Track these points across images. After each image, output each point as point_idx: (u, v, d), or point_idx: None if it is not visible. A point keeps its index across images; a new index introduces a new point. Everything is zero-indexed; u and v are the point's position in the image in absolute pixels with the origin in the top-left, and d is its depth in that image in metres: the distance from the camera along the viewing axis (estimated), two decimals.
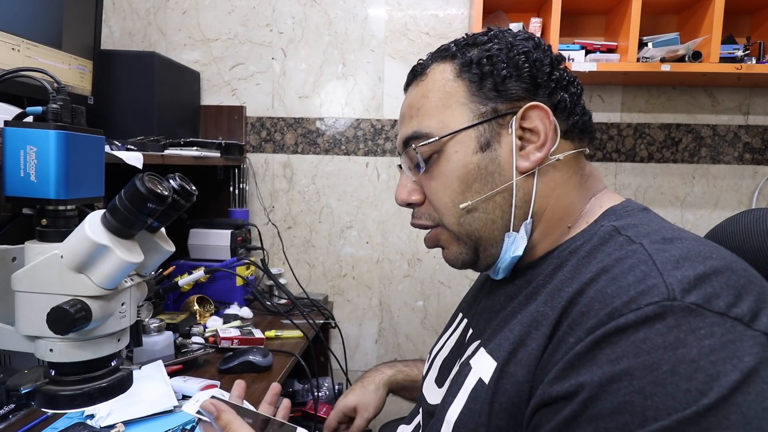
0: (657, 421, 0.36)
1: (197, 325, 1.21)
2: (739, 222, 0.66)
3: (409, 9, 1.64)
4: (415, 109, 0.59)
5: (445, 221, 0.58)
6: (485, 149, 0.55)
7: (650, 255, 0.43)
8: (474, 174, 0.55)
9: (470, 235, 0.57)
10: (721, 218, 0.79)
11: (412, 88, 0.61)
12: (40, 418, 0.80)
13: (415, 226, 0.63)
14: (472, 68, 0.55)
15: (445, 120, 0.56)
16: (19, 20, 0.97)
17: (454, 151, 0.55)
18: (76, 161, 0.47)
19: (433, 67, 0.59)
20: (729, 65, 1.36)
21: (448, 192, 0.56)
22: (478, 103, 0.55)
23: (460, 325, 0.69)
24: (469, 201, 0.55)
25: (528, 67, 0.54)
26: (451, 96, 0.56)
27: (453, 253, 0.60)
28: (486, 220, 0.56)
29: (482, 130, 0.55)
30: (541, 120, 0.54)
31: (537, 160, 0.54)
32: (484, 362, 0.52)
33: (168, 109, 1.42)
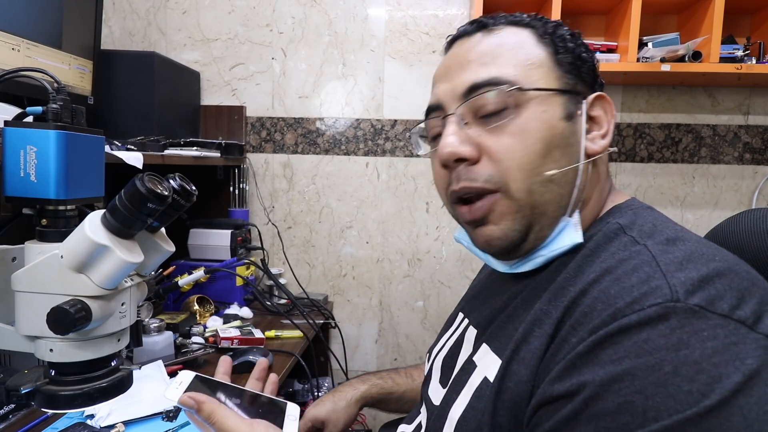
0: (657, 422, 0.36)
1: (197, 325, 1.21)
2: (739, 222, 0.66)
3: (409, 9, 1.64)
4: (491, 56, 0.52)
5: (513, 185, 0.50)
6: (569, 120, 0.52)
7: (654, 256, 0.43)
8: (557, 141, 0.51)
9: (536, 207, 0.51)
10: (721, 218, 0.79)
11: (479, 38, 0.54)
12: (40, 418, 0.80)
13: (464, 191, 0.53)
14: (555, 39, 0.53)
15: (531, 75, 0.51)
16: (19, 20, 0.97)
17: (542, 110, 0.51)
18: (76, 161, 0.47)
19: (506, 28, 0.54)
20: (729, 65, 1.35)
21: (528, 152, 0.50)
22: (564, 73, 0.53)
23: (461, 325, 0.68)
24: (555, 169, 0.50)
25: (592, 59, 0.55)
26: (537, 57, 0.52)
27: (502, 230, 0.52)
28: (557, 194, 0.51)
29: (567, 99, 0.52)
30: (605, 111, 0.54)
31: (603, 146, 0.53)
32: (489, 360, 0.52)
33: (168, 109, 1.42)
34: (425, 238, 1.70)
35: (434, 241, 1.70)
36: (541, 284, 0.52)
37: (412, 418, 0.70)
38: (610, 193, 0.58)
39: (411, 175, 1.68)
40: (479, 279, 0.76)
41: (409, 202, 1.69)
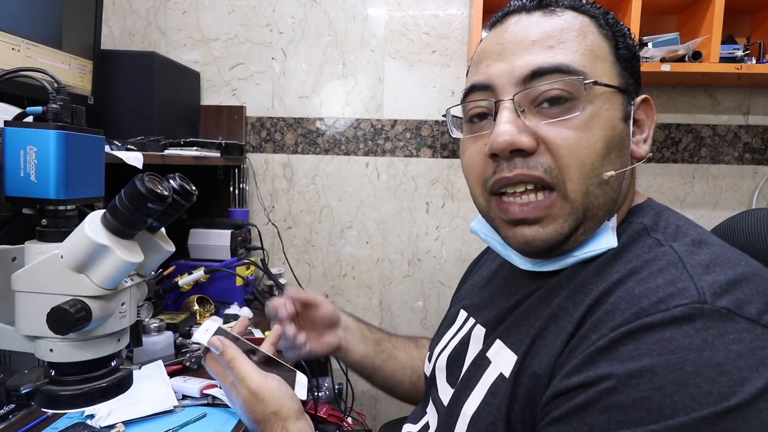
0: (673, 419, 0.35)
1: (197, 325, 1.21)
2: (739, 222, 0.66)
3: (409, 9, 1.64)
4: (557, 39, 0.48)
5: (571, 186, 0.47)
6: (626, 120, 0.49)
7: (680, 258, 0.42)
8: (616, 141, 0.48)
9: (588, 210, 0.48)
10: (721, 218, 0.79)
11: (539, 17, 0.50)
12: (40, 418, 0.79)
13: (519, 178, 0.48)
14: (616, 33, 0.50)
15: (597, 68, 0.48)
16: (19, 20, 0.97)
17: (606, 108, 0.47)
18: (76, 161, 0.47)
19: (566, 11, 0.50)
20: (729, 65, 1.35)
21: (590, 150, 0.47)
22: (621, 70, 0.50)
23: (466, 324, 0.67)
24: (612, 171, 0.47)
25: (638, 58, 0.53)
26: (599, 48, 0.49)
27: (549, 232, 0.48)
28: (610, 197, 0.49)
29: (625, 99, 0.49)
30: (648, 115, 0.53)
31: (647, 151, 0.52)
32: (504, 356, 0.51)
33: (168, 109, 1.42)
34: (425, 238, 1.70)
35: (434, 241, 1.70)
36: (560, 282, 0.51)
37: (417, 418, 0.69)
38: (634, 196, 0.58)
39: (411, 175, 1.68)
40: (481, 275, 0.74)
41: (409, 202, 1.69)
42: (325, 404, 1.44)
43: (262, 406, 0.57)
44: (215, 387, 0.91)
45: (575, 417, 0.39)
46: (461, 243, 1.69)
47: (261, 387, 0.57)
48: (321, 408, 1.41)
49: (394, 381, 0.81)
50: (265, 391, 0.58)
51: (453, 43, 1.63)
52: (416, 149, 1.67)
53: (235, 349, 0.61)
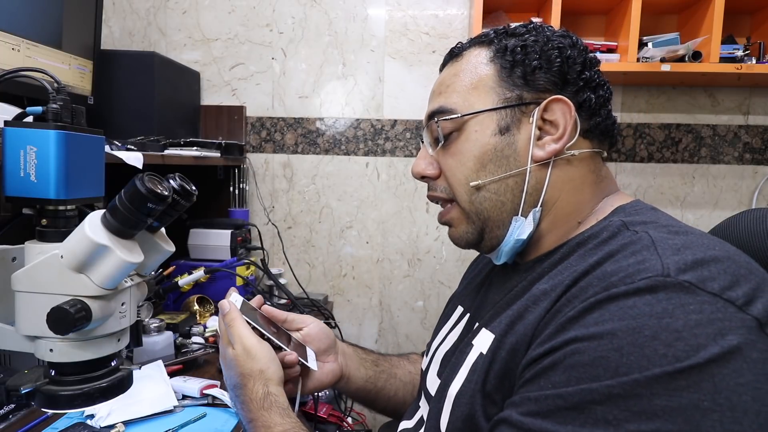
0: (627, 376, 0.38)
1: (197, 325, 1.21)
2: (739, 222, 0.66)
3: (409, 9, 1.64)
4: (445, 86, 0.61)
5: (458, 197, 0.59)
6: (504, 133, 0.57)
7: (653, 242, 0.45)
8: (490, 155, 0.57)
9: (479, 213, 0.58)
10: (721, 218, 0.79)
11: (447, 68, 0.63)
12: (40, 418, 0.79)
13: (430, 198, 0.65)
14: (505, 55, 0.57)
15: (470, 100, 0.58)
16: (19, 20, 0.97)
17: (474, 131, 0.57)
18: (76, 161, 0.47)
19: (470, 50, 0.61)
20: (729, 65, 1.36)
21: (462, 169, 0.58)
22: (505, 89, 0.57)
23: (462, 320, 0.69)
24: (480, 180, 0.57)
25: (559, 62, 0.56)
26: (480, 78, 0.58)
27: (459, 232, 0.61)
28: (496, 201, 0.57)
29: (504, 114, 0.57)
30: (563, 114, 0.55)
31: (552, 151, 0.55)
32: (483, 337, 0.54)
33: (168, 109, 1.42)
34: (425, 238, 1.70)
35: (434, 241, 1.70)
36: (542, 275, 0.54)
37: (411, 414, 0.70)
38: (612, 195, 0.59)
39: (411, 175, 1.68)
40: (478, 273, 0.76)
41: (409, 202, 1.69)
42: (325, 404, 1.44)
43: (251, 362, 0.63)
44: (215, 387, 0.91)
45: (542, 377, 0.43)
46: None
47: (254, 346, 0.64)
48: (321, 408, 1.41)
49: (397, 400, 0.81)
50: (257, 350, 0.64)
51: (453, 43, 1.62)
52: (416, 149, 1.67)
53: (237, 313, 0.67)
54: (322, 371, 0.75)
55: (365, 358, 0.82)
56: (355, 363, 0.80)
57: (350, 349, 0.81)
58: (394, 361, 0.86)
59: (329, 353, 0.77)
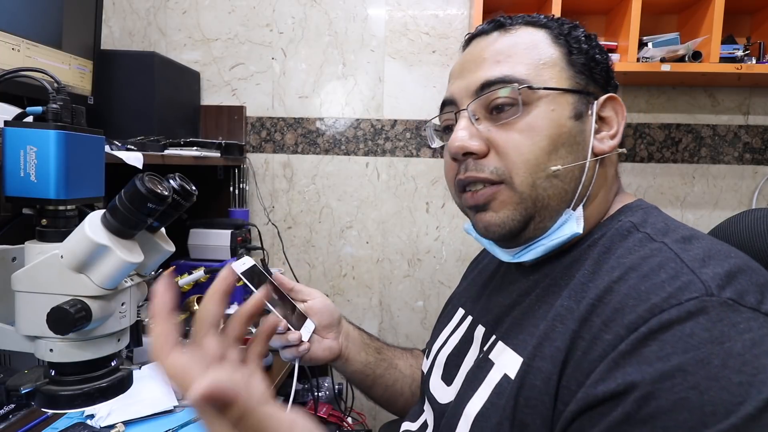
0: (716, 417, 0.36)
1: None
2: (739, 222, 0.66)
3: (409, 9, 1.64)
4: (505, 55, 0.55)
5: (518, 180, 0.52)
6: (578, 119, 0.54)
7: (676, 254, 0.44)
8: (564, 138, 0.53)
9: (538, 200, 0.53)
10: (721, 218, 0.79)
11: (495, 37, 0.57)
12: (40, 418, 0.80)
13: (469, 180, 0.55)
14: (570, 41, 0.55)
15: (542, 75, 0.53)
16: (19, 20, 0.97)
17: (551, 109, 0.53)
18: (76, 161, 0.47)
19: (523, 28, 0.57)
20: (729, 65, 1.35)
21: (534, 148, 0.52)
22: (575, 74, 0.55)
23: (464, 322, 0.68)
24: (560, 165, 0.52)
25: (606, 60, 0.56)
26: (549, 57, 0.54)
27: (501, 217, 0.54)
28: (561, 189, 0.53)
29: (578, 99, 0.54)
30: (616, 112, 0.56)
31: (611, 146, 0.55)
32: (508, 358, 0.52)
33: (168, 109, 1.42)
34: (425, 238, 1.70)
35: (434, 241, 1.70)
36: (556, 280, 0.53)
37: (415, 416, 0.70)
38: (619, 194, 0.59)
39: (411, 175, 1.68)
40: (479, 274, 0.75)
41: (409, 202, 1.69)
42: (325, 404, 1.44)
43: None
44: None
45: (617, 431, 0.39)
46: (461, 243, 1.69)
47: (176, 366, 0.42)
48: (321, 408, 1.41)
49: (395, 390, 0.80)
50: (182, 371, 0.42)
51: (453, 43, 1.63)
52: (416, 149, 1.67)
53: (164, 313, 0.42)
54: (320, 346, 0.72)
55: (369, 343, 0.81)
56: (357, 346, 0.78)
57: (355, 332, 0.79)
58: (397, 352, 0.85)
59: (330, 330, 0.74)
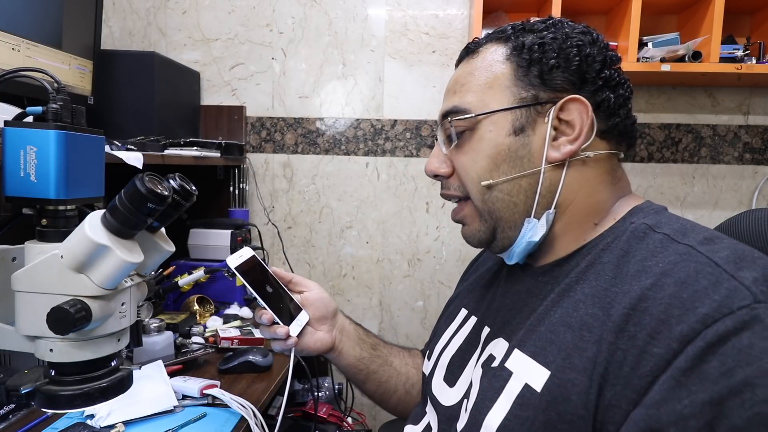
0: None
1: (197, 325, 1.21)
2: (740, 222, 0.66)
3: (409, 9, 1.64)
4: (460, 84, 0.60)
5: (471, 195, 0.59)
6: (518, 133, 0.56)
7: (708, 257, 0.43)
8: (503, 155, 0.56)
9: (492, 213, 0.58)
10: (721, 218, 0.79)
11: (462, 65, 0.62)
12: (40, 418, 0.79)
13: (443, 197, 0.64)
14: (522, 53, 0.56)
15: (485, 99, 0.57)
16: (19, 20, 0.97)
17: (488, 131, 0.56)
18: (76, 161, 0.47)
19: (486, 47, 0.60)
20: (729, 65, 1.35)
21: (475, 168, 0.57)
22: (521, 88, 0.56)
23: (468, 322, 0.68)
24: (491, 180, 0.56)
25: (578, 60, 0.54)
26: (496, 77, 0.57)
27: (472, 230, 0.61)
28: (508, 201, 0.57)
29: (519, 114, 0.55)
30: (579, 114, 0.54)
31: (567, 152, 0.54)
32: (528, 367, 0.50)
33: (168, 109, 1.42)
34: (425, 238, 1.70)
35: (434, 241, 1.70)
36: (571, 285, 0.52)
37: (418, 419, 0.69)
38: (625, 196, 0.58)
39: (411, 175, 1.68)
40: (480, 274, 0.75)
41: (409, 202, 1.69)
42: (325, 404, 1.44)
43: None
44: (215, 387, 0.91)
45: None
46: (461, 243, 1.69)
47: None
48: (321, 408, 1.41)
49: (388, 387, 0.79)
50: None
51: (453, 43, 1.63)
52: (416, 149, 1.67)
53: None
54: (312, 337, 0.72)
55: (364, 339, 0.80)
56: (352, 341, 0.78)
57: (351, 327, 0.80)
58: (394, 350, 0.84)
59: (324, 322, 0.74)
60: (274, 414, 1.22)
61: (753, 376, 0.37)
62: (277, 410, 0.74)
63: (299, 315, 0.71)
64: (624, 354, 0.43)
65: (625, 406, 0.42)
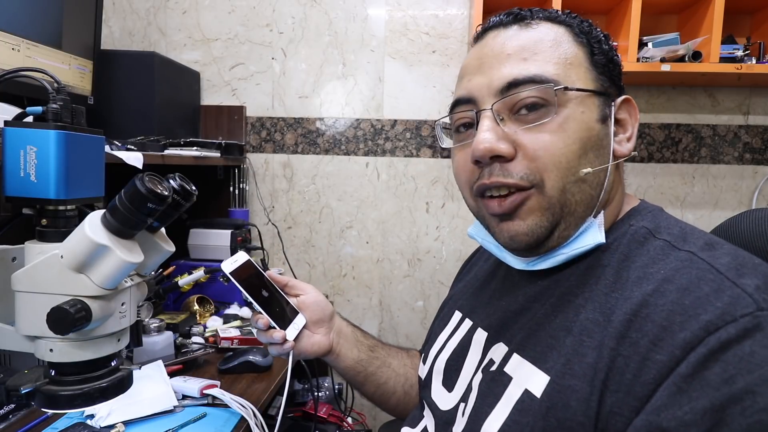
0: None
1: (197, 325, 1.21)
2: (740, 223, 0.66)
3: (409, 9, 1.64)
4: (531, 51, 0.51)
5: (549, 183, 0.50)
6: (603, 122, 0.52)
7: (710, 263, 0.43)
8: (593, 141, 0.51)
9: (566, 206, 0.51)
10: (721, 218, 0.79)
11: (516, 30, 0.53)
12: (40, 418, 0.80)
13: (495, 186, 0.52)
14: (591, 40, 0.53)
15: (571, 75, 0.51)
16: (19, 20, 0.97)
17: (581, 111, 0.50)
18: (76, 161, 0.47)
19: (542, 23, 0.53)
20: (729, 65, 1.35)
21: (566, 151, 0.49)
22: (599, 74, 0.52)
23: (462, 325, 0.67)
24: (590, 168, 0.50)
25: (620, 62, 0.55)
26: (574, 56, 0.52)
27: (529, 225, 0.51)
28: (589, 194, 0.51)
29: (603, 101, 0.52)
30: (630, 115, 0.54)
31: (629, 149, 0.54)
32: (528, 372, 0.49)
33: (168, 109, 1.42)
34: (425, 238, 1.70)
35: (434, 241, 1.70)
36: (571, 289, 0.51)
37: (415, 422, 0.69)
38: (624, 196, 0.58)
39: (411, 175, 1.68)
40: (475, 276, 0.74)
41: (409, 202, 1.69)
42: (325, 404, 1.44)
43: None
44: (215, 387, 0.91)
45: None
46: (461, 243, 1.69)
47: None
48: (321, 408, 1.41)
49: (387, 388, 0.79)
50: None
51: (453, 43, 1.63)
52: (416, 149, 1.67)
53: None
54: (309, 341, 0.71)
55: (362, 341, 0.80)
56: (350, 343, 0.77)
57: (349, 329, 0.79)
58: (392, 351, 0.84)
59: (321, 325, 0.74)
60: (274, 414, 1.22)
61: (754, 383, 0.37)
62: (277, 410, 0.74)
63: (296, 318, 0.71)
64: (626, 361, 0.42)
65: (627, 414, 0.41)
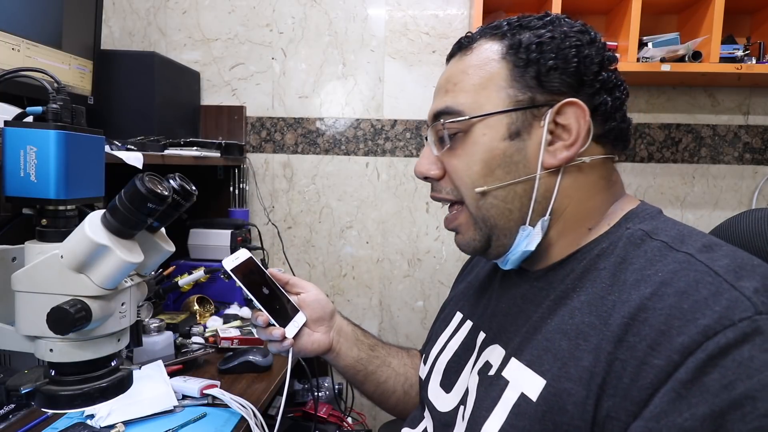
0: None
1: (197, 325, 1.21)
2: (740, 223, 0.66)
3: (409, 9, 1.64)
4: (452, 83, 0.57)
5: (466, 201, 0.57)
6: (514, 138, 0.53)
7: (708, 266, 0.43)
8: (498, 160, 0.54)
9: (486, 220, 0.56)
10: (721, 218, 0.79)
11: (454, 61, 0.59)
12: (40, 418, 0.80)
13: (434, 199, 0.62)
14: (519, 52, 0.53)
15: (479, 100, 0.54)
16: (19, 20, 0.97)
17: (482, 134, 0.54)
18: (76, 161, 0.47)
19: (480, 43, 0.57)
20: (729, 65, 1.35)
21: (469, 173, 0.55)
22: (517, 90, 0.53)
23: (463, 327, 0.67)
24: (486, 186, 0.54)
25: (576, 62, 0.52)
26: (491, 77, 0.54)
27: (466, 239, 0.59)
28: (503, 208, 0.55)
29: (515, 117, 0.53)
30: (576, 119, 0.52)
31: (564, 158, 0.52)
32: (524, 376, 0.50)
33: (168, 109, 1.42)
34: (425, 238, 1.70)
35: (434, 241, 1.70)
36: (567, 292, 0.51)
37: (415, 423, 0.69)
38: (620, 199, 0.57)
39: (411, 175, 1.68)
40: (475, 277, 0.74)
41: (409, 202, 1.69)
42: (325, 404, 1.44)
43: None
44: (215, 387, 0.91)
45: None
46: None
47: None
48: (321, 408, 1.41)
49: (386, 388, 0.79)
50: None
51: (453, 43, 1.63)
52: (416, 149, 1.67)
53: None
54: (308, 339, 0.72)
55: (362, 340, 0.80)
56: (350, 342, 0.78)
57: (349, 328, 0.79)
58: (392, 350, 0.84)
59: (321, 324, 0.74)
60: (274, 414, 1.22)
61: (753, 389, 0.36)
62: (277, 410, 0.74)
63: (296, 316, 0.71)
64: (623, 365, 0.42)
65: (624, 418, 0.41)
